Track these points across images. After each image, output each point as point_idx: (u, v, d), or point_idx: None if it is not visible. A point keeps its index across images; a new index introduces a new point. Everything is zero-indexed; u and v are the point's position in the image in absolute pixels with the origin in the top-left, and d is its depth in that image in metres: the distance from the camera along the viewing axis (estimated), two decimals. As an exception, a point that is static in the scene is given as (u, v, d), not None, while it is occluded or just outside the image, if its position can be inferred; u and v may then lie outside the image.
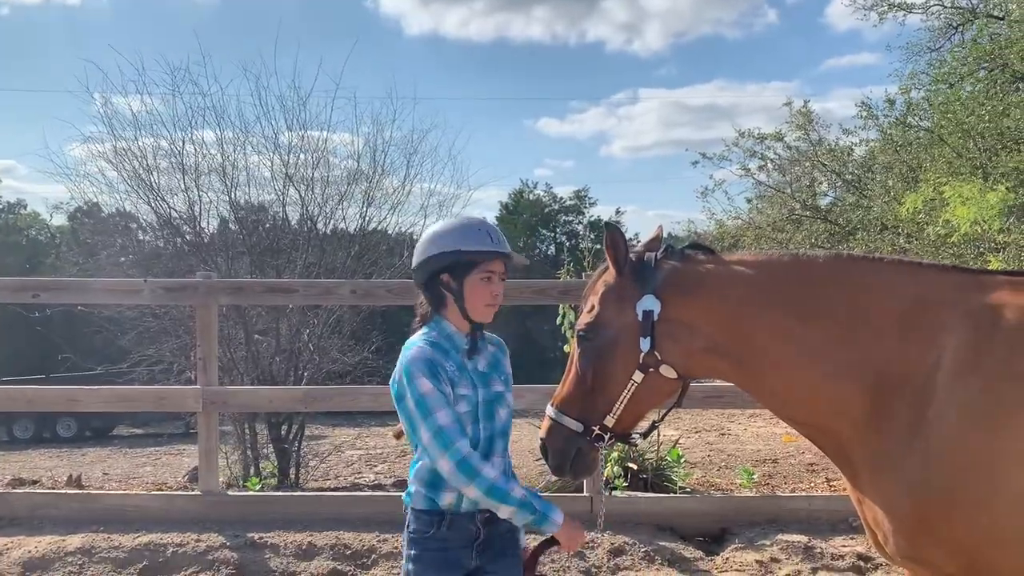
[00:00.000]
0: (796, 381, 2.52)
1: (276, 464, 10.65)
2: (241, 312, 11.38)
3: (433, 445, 2.56)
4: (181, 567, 5.27)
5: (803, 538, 5.37)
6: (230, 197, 12.53)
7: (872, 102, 15.23)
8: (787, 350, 2.51)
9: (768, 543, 5.37)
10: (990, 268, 9.35)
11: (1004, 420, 2.26)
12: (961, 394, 2.29)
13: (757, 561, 5.21)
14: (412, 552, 2.73)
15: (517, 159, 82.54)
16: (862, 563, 5.16)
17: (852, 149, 16.07)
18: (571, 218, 46.76)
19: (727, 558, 5.31)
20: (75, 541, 5.54)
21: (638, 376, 2.58)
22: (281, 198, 12.75)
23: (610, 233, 2.68)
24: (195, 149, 12.46)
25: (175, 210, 12.34)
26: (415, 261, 2.82)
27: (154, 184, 12.08)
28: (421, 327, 2.83)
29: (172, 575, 5.20)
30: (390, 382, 2.80)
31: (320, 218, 12.67)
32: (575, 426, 2.66)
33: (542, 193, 47.28)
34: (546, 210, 46.57)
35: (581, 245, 42.75)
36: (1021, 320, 2.34)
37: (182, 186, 12.20)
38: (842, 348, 2.45)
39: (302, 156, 12.67)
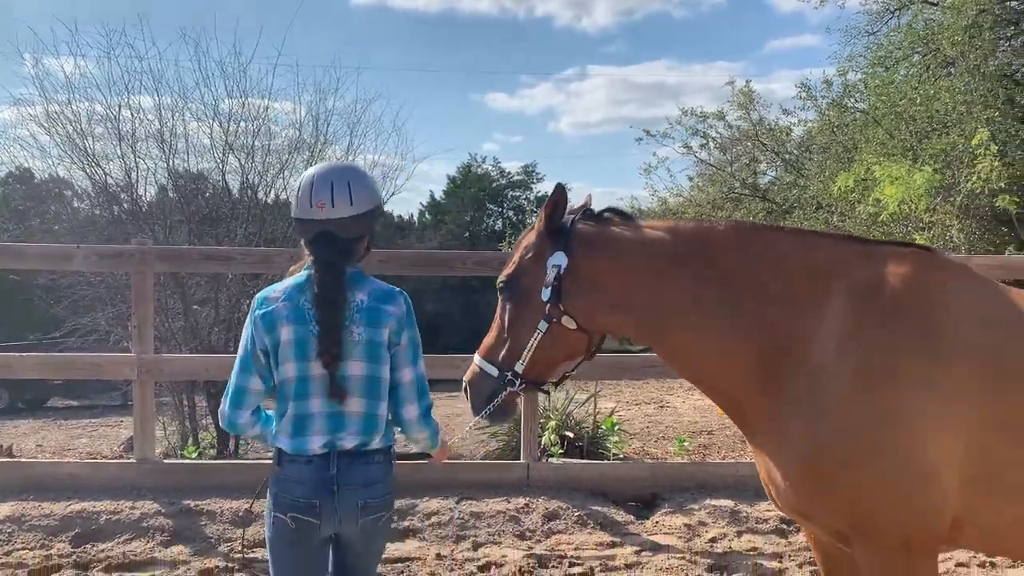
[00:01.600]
0: (692, 343, 2.68)
1: (215, 435, 10.58)
2: (179, 281, 11.22)
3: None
4: (115, 534, 5.24)
5: (730, 503, 5.57)
6: (168, 165, 12.29)
7: (811, 83, 15.61)
8: (683, 312, 2.65)
9: (697, 507, 5.56)
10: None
11: (880, 385, 2.42)
12: (842, 361, 2.45)
13: (685, 525, 5.39)
14: None
15: (465, 133, 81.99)
16: (785, 526, 5.38)
17: (791, 129, 16.40)
18: (518, 193, 46.76)
19: (657, 521, 5.48)
20: (4, 509, 5.45)
21: (543, 325, 2.73)
22: (221, 166, 12.55)
23: (557, 190, 2.79)
24: (132, 115, 12.17)
25: (112, 177, 12.07)
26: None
27: (89, 150, 11.80)
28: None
29: (105, 542, 5.15)
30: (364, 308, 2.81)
31: (261, 187, 12.52)
32: (492, 371, 2.81)
33: (490, 168, 47.19)
34: (494, 184, 46.49)
35: (528, 220, 42.88)
36: (899, 290, 2.51)
37: (118, 152, 11.93)
38: (735, 313, 2.59)
39: (243, 124, 12.49)
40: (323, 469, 2.63)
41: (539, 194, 46.73)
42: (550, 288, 2.71)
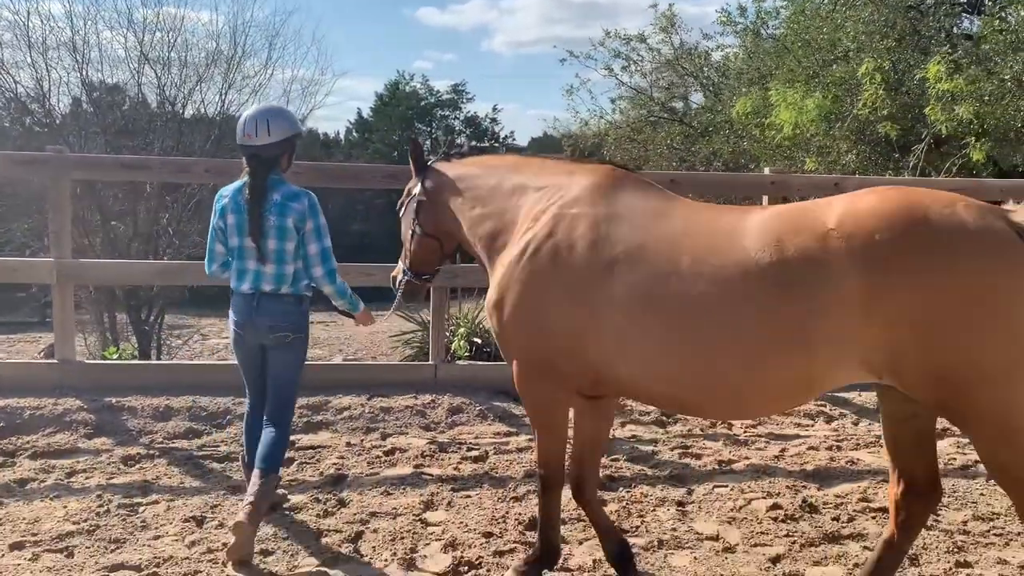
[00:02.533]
0: (471, 247, 3.76)
1: (136, 346, 10.78)
2: (96, 194, 11.22)
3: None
4: (39, 428, 5.52)
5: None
6: (82, 75, 12.13)
7: (731, 9, 15.91)
8: (464, 223, 3.72)
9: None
10: (807, 167, 10.32)
11: (529, 262, 3.29)
12: (519, 241, 3.39)
13: (576, 417, 5.93)
14: None
15: (396, 50, 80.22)
16: (664, 418, 5.98)
17: (709, 54, 16.78)
18: (448, 113, 46.33)
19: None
20: (-72, 405, 5.68)
21: (411, 235, 3.93)
22: (137, 78, 12.44)
23: (413, 145, 4.04)
24: (42, 22, 11.88)
25: (22, 86, 11.84)
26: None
27: (-3, 57, 11.53)
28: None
29: (30, 435, 5.42)
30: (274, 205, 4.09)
31: (179, 100, 12.47)
32: (399, 267, 4.09)
33: (419, 86, 46.52)
34: (423, 103, 45.92)
35: (458, 140, 42.67)
36: (577, 192, 3.36)
37: (28, 60, 11.69)
38: (481, 220, 3.65)
39: (158, 35, 12.32)
40: (250, 302, 4.05)
41: (468, 114, 46.42)
42: (410, 208, 3.92)
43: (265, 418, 4.14)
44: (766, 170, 6.99)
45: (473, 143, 41.94)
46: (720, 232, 3.00)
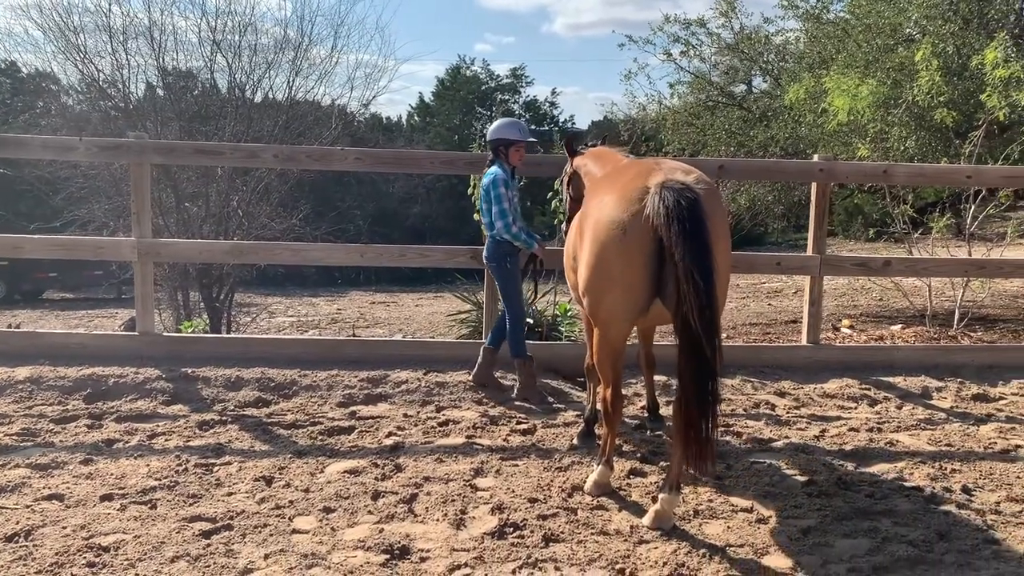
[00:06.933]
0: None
1: (207, 322, 11.31)
2: (171, 176, 11.78)
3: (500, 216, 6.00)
4: (122, 394, 5.99)
5: (663, 378, 6.31)
6: (158, 62, 12.67)
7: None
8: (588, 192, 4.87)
9: (634, 381, 6.32)
10: (858, 154, 10.28)
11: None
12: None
13: (623, 394, 6.15)
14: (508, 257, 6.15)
15: (457, 33, 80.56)
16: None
17: (769, 38, 16.64)
18: (507, 97, 46.56)
19: (597, 391, 6.23)
20: (24, 372, 6.20)
21: (565, 197, 5.85)
22: (209, 65, 12.95)
23: (568, 138, 5.79)
24: (122, 11, 12.44)
25: (103, 73, 12.43)
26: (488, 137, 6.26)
27: (81, 46, 12.14)
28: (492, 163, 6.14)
29: (113, 400, 5.89)
30: (481, 184, 6.16)
31: (248, 86, 12.95)
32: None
33: (479, 70, 46.83)
34: (483, 87, 46.24)
35: (527, 127, 42.72)
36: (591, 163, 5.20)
37: (109, 49, 12.27)
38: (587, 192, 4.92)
39: (229, 22, 12.80)
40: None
41: (528, 98, 46.58)
42: (565, 179, 5.66)
43: None
44: (815, 157, 7.06)
45: (604, 136, 42.04)
46: None
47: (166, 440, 5.21)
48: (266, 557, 3.63)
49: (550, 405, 6.01)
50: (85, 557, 3.60)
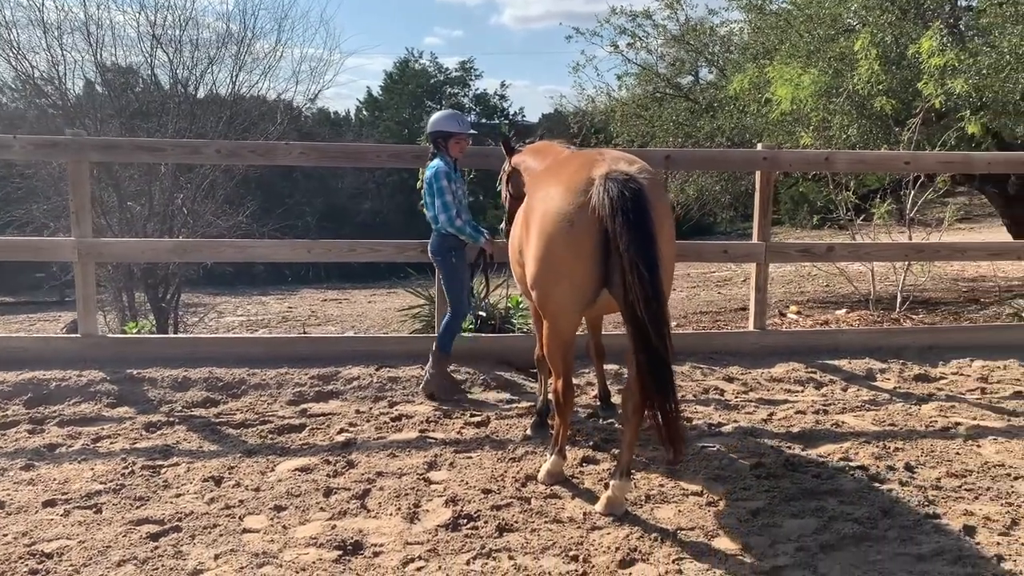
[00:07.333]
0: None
1: (154, 323, 11.10)
2: (113, 175, 11.51)
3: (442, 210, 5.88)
4: (65, 398, 5.84)
5: (614, 366, 6.36)
6: (96, 58, 12.37)
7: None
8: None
9: (586, 371, 6.35)
10: (801, 142, 10.48)
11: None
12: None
13: (575, 385, 6.18)
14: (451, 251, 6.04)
15: (405, 26, 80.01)
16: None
17: (714, 29, 16.80)
18: (457, 90, 46.38)
19: (548, 381, 6.26)
20: (-40, 377, 6.00)
21: (505, 196, 5.78)
22: (149, 60, 12.68)
23: (503, 140, 5.75)
24: (56, 5, 12.11)
25: (38, 69, 12.09)
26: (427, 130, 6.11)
27: (13, 41, 11.79)
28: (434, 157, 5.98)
29: (56, 404, 5.74)
30: (424, 178, 6.03)
31: (191, 82, 12.71)
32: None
33: (428, 63, 46.58)
34: (432, 81, 45.99)
35: (468, 119, 42.66)
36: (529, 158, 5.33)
37: (43, 44, 11.93)
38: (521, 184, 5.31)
39: (169, 16, 12.54)
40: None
41: (477, 91, 46.48)
42: (504, 177, 5.73)
43: None
44: (759, 146, 7.17)
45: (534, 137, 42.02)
46: None
47: (111, 443, 5.09)
48: (216, 557, 3.58)
49: (457, 402, 5.94)
50: (27, 564, 3.51)
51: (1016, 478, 4.50)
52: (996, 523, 3.91)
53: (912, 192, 9.59)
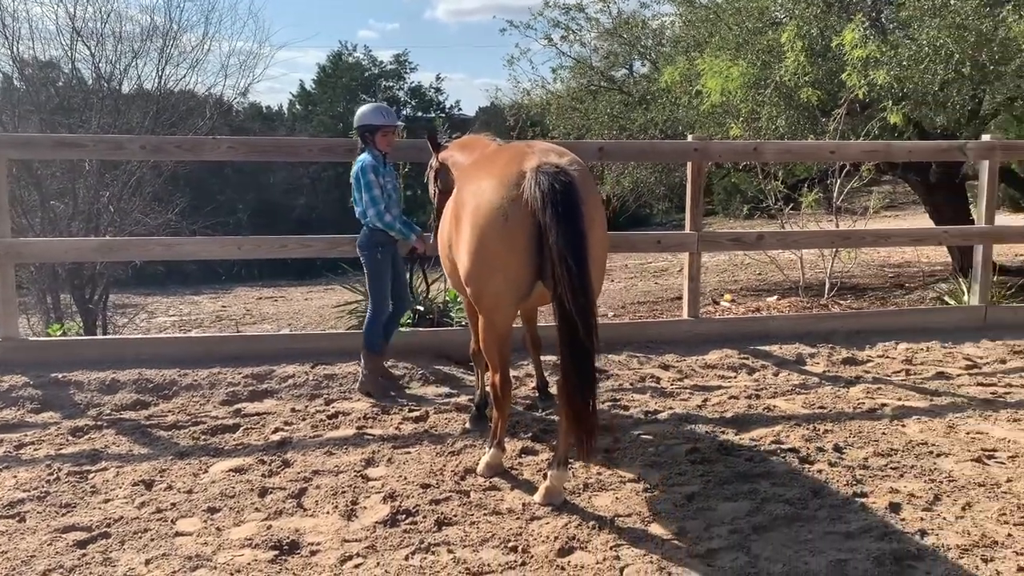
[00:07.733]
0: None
1: (81, 325, 10.76)
2: (33, 173, 11.11)
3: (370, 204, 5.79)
4: (-15, 404, 5.62)
5: (551, 357, 6.38)
6: (12, 51, 11.92)
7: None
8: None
9: (525, 363, 6.37)
10: (731, 133, 10.69)
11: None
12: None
13: (514, 377, 6.20)
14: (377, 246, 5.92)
15: (338, 19, 78.95)
16: (597, 374, 6.27)
17: (647, 22, 16.97)
18: (392, 83, 45.93)
19: (485, 375, 6.26)
20: None
21: (434, 190, 5.61)
22: (70, 54, 12.26)
23: (429, 135, 5.67)
24: (-33, -3, 11.64)
25: (-51, 63, 11.59)
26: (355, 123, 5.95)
27: (-78, 35, 11.28)
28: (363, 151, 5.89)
29: (-24, 412, 5.52)
30: (352, 172, 5.92)
31: (115, 77, 12.33)
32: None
33: (362, 56, 46.01)
34: (366, 74, 45.44)
35: (403, 112, 42.38)
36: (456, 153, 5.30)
37: (-45, 37, 11.46)
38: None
39: (90, 9, 12.15)
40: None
41: (412, 84, 46.11)
42: (431, 173, 5.59)
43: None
44: (690, 137, 7.28)
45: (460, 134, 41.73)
46: None
47: (35, 449, 4.92)
48: (147, 563, 3.50)
49: (393, 399, 5.90)
50: (-54, 578, 3.38)
51: (938, 455, 4.66)
52: (920, 499, 4.05)
53: (839, 181, 9.85)
